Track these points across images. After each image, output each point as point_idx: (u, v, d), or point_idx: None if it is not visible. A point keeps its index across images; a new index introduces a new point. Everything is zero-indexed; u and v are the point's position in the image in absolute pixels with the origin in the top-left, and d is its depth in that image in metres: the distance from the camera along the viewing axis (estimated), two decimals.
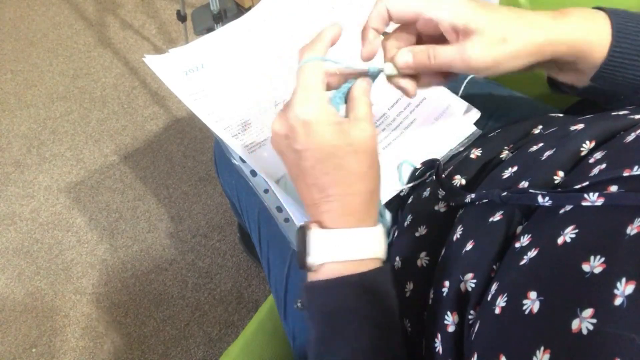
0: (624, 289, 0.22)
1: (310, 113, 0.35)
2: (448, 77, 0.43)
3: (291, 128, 0.36)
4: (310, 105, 0.35)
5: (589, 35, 0.37)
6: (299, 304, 0.49)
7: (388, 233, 0.52)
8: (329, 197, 0.36)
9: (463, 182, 0.45)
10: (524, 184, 0.36)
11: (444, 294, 0.36)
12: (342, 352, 0.34)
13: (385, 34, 0.43)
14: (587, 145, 0.36)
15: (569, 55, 0.38)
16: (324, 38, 0.38)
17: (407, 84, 0.41)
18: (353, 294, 0.34)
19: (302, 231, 0.37)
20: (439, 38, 0.40)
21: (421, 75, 0.42)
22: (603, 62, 0.38)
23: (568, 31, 0.37)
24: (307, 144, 0.35)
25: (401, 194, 0.53)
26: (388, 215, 0.46)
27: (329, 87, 0.40)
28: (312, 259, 0.36)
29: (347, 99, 0.40)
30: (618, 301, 0.22)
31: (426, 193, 0.48)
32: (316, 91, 0.36)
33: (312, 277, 0.37)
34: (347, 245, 0.36)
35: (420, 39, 0.42)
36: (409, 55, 0.40)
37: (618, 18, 0.38)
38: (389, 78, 0.42)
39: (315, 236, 0.36)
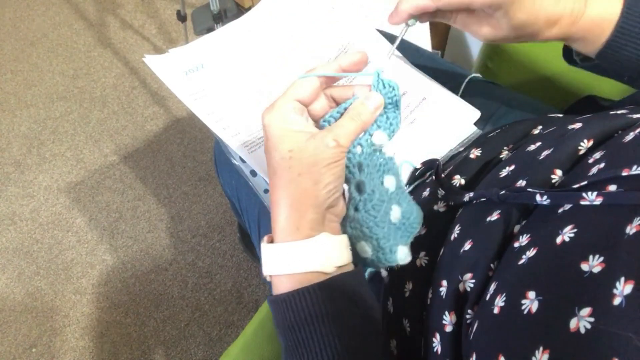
0: (622, 288, 0.22)
1: (268, 117, 0.35)
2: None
3: (263, 131, 0.37)
4: (271, 110, 0.36)
5: (598, 24, 0.41)
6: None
7: None
8: (271, 203, 0.36)
9: (463, 182, 0.46)
10: (522, 183, 0.36)
11: (442, 294, 0.36)
12: None
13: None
14: (585, 144, 0.36)
15: (572, 41, 0.42)
16: (331, 64, 0.38)
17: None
18: (306, 305, 0.33)
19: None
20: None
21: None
22: (607, 39, 0.40)
23: (581, 26, 0.41)
24: (265, 146, 0.36)
25: None
26: (403, 253, 0.39)
27: (337, 102, 0.40)
28: (262, 271, 0.36)
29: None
30: (617, 300, 0.22)
31: (426, 193, 0.48)
32: (283, 99, 0.36)
33: (273, 290, 0.37)
34: (276, 258, 0.35)
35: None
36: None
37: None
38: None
39: (263, 248, 0.36)
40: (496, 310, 0.28)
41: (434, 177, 0.48)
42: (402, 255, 0.39)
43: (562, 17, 0.41)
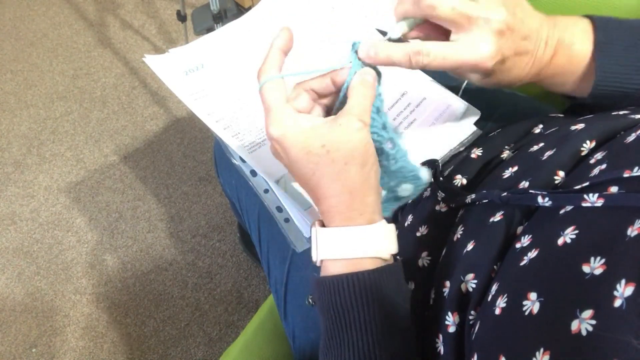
0: (623, 290, 0.22)
1: (279, 129, 0.36)
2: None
3: (274, 148, 0.38)
4: (277, 122, 0.36)
5: (574, 42, 0.40)
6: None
7: None
8: (319, 199, 0.37)
9: (464, 182, 0.45)
10: (525, 184, 0.36)
11: (445, 294, 0.36)
12: (348, 347, 0.34)
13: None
14: (588, 145, 0.36)
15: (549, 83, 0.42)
16: (274, 53, 0.39)
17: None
18: (357, 292, 0.34)
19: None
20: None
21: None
22: (592, 86, 0.40)
23: (559, 28, 0.40)
24: (288, 158, 0.36)
25: None
26: (425, 173, 0.43)
27: (319, 94, 0.40)
28: (313, 255, 0.37)
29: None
30: (617, 303, 0.22)
31: (427, 193, 0.48)
32: (279, 106, 0.36)
33: (322, 272, 0.38)
34: (336, 244, 0.36)
35: None
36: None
37: (601, 24, 0.40)
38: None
39: (314, 234, 0.37)
40: (498, 311, 0.28)
41: (432, 179, 0.48)
42: (426, 174, 0.43)
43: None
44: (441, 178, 0.46)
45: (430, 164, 0.52)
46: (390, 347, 0.34)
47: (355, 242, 0.36)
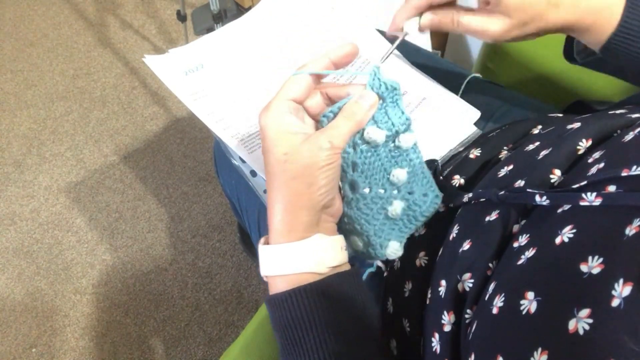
0: (621, 290, 0.22)
1: (264, 118, 0.36)
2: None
3: (260, 132, 0.37)
4: (267, 111, 0.36)
5: (601, 13, 0.39)
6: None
7: None
8: (271, 201, 0.36)
9: (462, 182, 0.46)
10: (520, 183, 0.36)
11: (441, 294, 0.36)
12: None
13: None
14: (584, 144, 0.36)
15: (578, 32, 0.41)
16: (321, 59, 0.38)
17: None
18: (302, 304, 0.34)
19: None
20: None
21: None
22: (609, 37, 0.40)
23: (585, 12, 0.40)
24: (262, 147, 0.36)
25: None
26: (394, 247, 0.41)
27: (333, 101, 0.40)
28: (260, 272, 0.37)
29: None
30: (615, 302, 0.22)
31: None
32: (279, 100, 0.36)
33: (269, 290, 0.37)
34: (275, 260, 0.36)
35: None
36: (435, 18, 0.43)
37: None
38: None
39: (260, 249, 0.37)
40: (495, 311, 0.28)
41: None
42: (392, 250, 0.40)
43: None
44: (440, 178, 0.46)
45: (430, 163, 0.52)
46: (351, 355, 0.34)
47: (290, 258, 0.35)
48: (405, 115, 0.39)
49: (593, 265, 0.24)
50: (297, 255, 0.35)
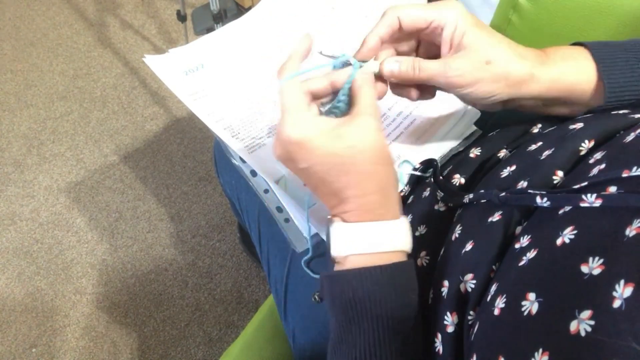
0: (622, 291, 0.22)
1: (300, 132, 0.35)
2: (433, 92, 0.46)
3: (288, 151, 0.37)
4: (298, 124, 0.36)
5: (573, 76, 0.40)
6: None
7: None
8: (345, 200, 0.37)
9: (462, 181, 0.46)
10: (523, 184, 0.36)
11: (444, 294, 0.36)
12: (359, 342, 0.34)
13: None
14: (586, 145, 0.36)
15: (558, 94, 0.41)
16: (295, 55, 0.39)
17: (382, 87, 0.44)
18: (371, 284, 0.34)
19: (327, 224, 0.38)
20: (430, 51, 0.43)
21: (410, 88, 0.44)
22: (604, 99, 0.40)
23: (552, 72, 0.40)
24: (309, 161, 0.36)
25: (401, 194, 0.53)
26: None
27: (318, 96, 0.41)
28: (333, 251, 0.37)
29: (349, 99, 0.40)
30: (617, 303, 0.22)
31: (426, 193, 0.48)
32: (300, 109, 0.36)
33: (337, 267, 0.38)
34: (366, 238, 0.36)
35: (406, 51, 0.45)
36: (395, 64, 0.41)
37: (596, 49, 0.40)
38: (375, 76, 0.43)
39: (336, 230, 0.37)
40: (497, 312, 0.28)
41: (431, 179, 0.48)
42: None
43: (527, 49, 0.40)
44: (440, 177, 0.46)
45: (429, 163, 0.52)
46: (401, 341, 0.34)
47: (385, 236, 0.36)
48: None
49: (594, 266, 0.24)
50: (394, 233, 0.36)
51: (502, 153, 0.46)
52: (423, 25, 0.40)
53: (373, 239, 0.36)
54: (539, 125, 0.47)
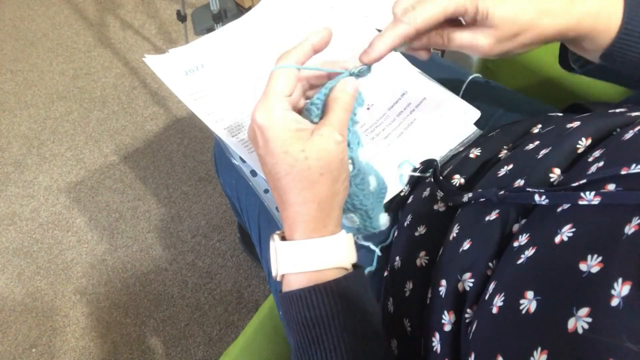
0: (620, 289, 0.22)
1: (266, 118, 0.35)
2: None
3: (254, 133, 0.36)
4: (267, 111, 0.35)
5: (599, 18, 0.38)
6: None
7: (388, 233, 0.52)
8: (284, 203, 0.36)
9: (462, 181, 0.46)
10: (520, 183, 0.36)
11: (442, 294, 0.36)
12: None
13: None
14: (583, 143, 0.36)
15: (577, 38, 0.39)
16: (303, 46, 0.38)
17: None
18: (324, 303, 0.34)
19: (269, 241, 0.38)
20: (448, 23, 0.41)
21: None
22: (612, 42, 0.38)
23: (580, 17, 0.38)
24: (265, 149, 0.35)
25: (401, 194, 0.53)
26: (384, 219, 0.45)
27: (312, 88, 0.40)
28: (273, 269, 0.36)
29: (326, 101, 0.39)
30: (615, 302, 0.22)
31: (426, 193, 0.48)
32: (276, 97, 0.36)
33: (284, 287, 0.37)
34: (299, 256, 0.35)
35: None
36: (424, 38, 0.41)
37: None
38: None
39: (273, 247, 0.36)
40: (495, 310, 0.28)
41: (432, 179, 0.48)
42: (384, 220, 0.44)
43: (550, 4, 0.39)
44: (440, 177, 0.46)
45: (428, 163, 0.52)
46: (364, 354, 0.34)
47: (320, 253, 0.35)
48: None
49: (592, 264, 0.24)
50: (331, 249, 0.35)
51: (503, 153, 0.46)
52: (442, 20, 0.39)
53: (307, 257, 0.35)
54: (539, 126, 0.47)
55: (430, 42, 0.41)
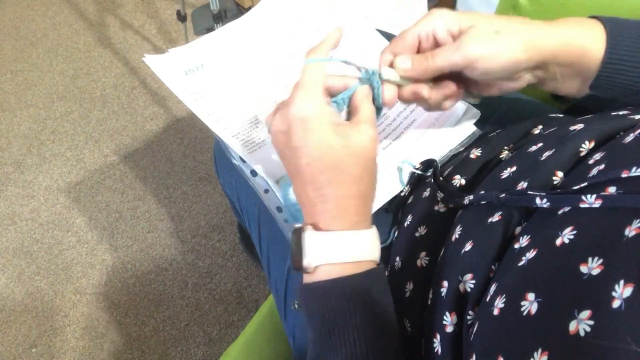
0: (622, 291, 0.22)
1: (309, 110, 0.35)
2: (460, 87, 0.44)
3: (289, 125, 0.36)
4: (309, 102, 0.36)
5: (585, 40, 0.39)
6: (295, 305, 0.49)
7: (388, 233, 0.52)
8: (324, 196, 0.36)
9: (463, 182, 0.46)
10: (523, 185, 0.36)
11: (443, 294, 0.36)
12: (340, 353, 0.34)
13: None
14: (587, 146, 0.36)
15: (566, 58, 0.39)
16: (327, 41, 0.40)
17: (419, 88, 0.42)
18: (349, 296, 0.34)
19: (298, 233, 0.37)
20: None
21: (435, 89, 0.43)
22: (599, 68, 0.39)
23: (563, 34, 0.39)
24: (304, 141, 0.35)
25: (401, 194, 0.53)
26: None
27: (330, 92, 0.41)
28: (308, 260, 0.36)
29: (349, 104, 0.41)
30: (616, 304, 0.22)
31: (426, 193, 0.48)
32: (316, 90, 0.36)
33: (308, 278, 0.37)
34: (341, 247, 0.36)
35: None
36: (407, 59, 0.41)
37: (612, 25, 0.39)
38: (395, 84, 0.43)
39: (310, 238, 0.36)
40: (496, 312, 0.28)
41: (432, 179, 0.48)
42: None
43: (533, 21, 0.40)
44: (441, 178, 0.46)
45: (428, 163, 0.52)
46: (382, 349, 0.34)
47: (358, 245, 0.36)
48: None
49: (593, 266, 0.24)
50: (366, 242, 0.36)
51: (504, 154, 0.46)
52: (416, 43, 0.41)
53: (348, 247, 0.36)
54: (540, 127, 0.47)
55: (415, 65, 0.41)
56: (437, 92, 0.43)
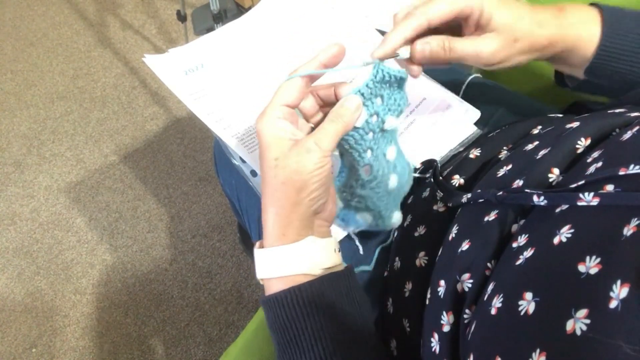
0: (619, 291, 0.22)
1: (259, 124, 0.36)
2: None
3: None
4: (260, 117, 0.37)
5: (580, 31, 0.41)
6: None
7: (388, 233, 0.52)
8: (266, 213, 0.37)
9: (462, 182, 0.46)
10: (519, 183, 0.36)
11: (440, 294, 0.36)
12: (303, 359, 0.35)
13: None
14: (583, 143, 0.36)
15: (562, 50, 0.42)
16: (311, 63, 0.39)
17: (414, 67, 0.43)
18: (302, 304, 0.35)
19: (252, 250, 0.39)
20: (448, 30, 0.42)
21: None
22: (593, 56, 0.41)
23: (565, 29, 0.41)
24: (259, 153, 0.37)
25: None
26: (397, 217, 0.46)
27: (324, 102, 0.41)
28: (259, 275, 0.38)
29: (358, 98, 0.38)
30: (613, 304, 0.22)
31: (425, 193, 0.48)
32: (272, 105, 0.37)
33: (265, 292, 0.38)
34: (270, 262, 0.37)
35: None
36: (426, 46, 0.41)
37: (609, 14, 0.41)
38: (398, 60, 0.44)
39: (257, 254, 0.38)
40: (493, 311, 0.28)
41: (432, 179, 0.48)
42: (397, 219, 0.46)
43: (541, 15, 0.41)
44: (440, 178, 0.46)
45: (428, 163, 0.52)
46: (348, 349, 0.35)
47: (282, 260, 0.36)
48: (405, 97, 0.41)
49: (591, 266, 0.24)
50: (291, 257, 0.36)
51: (503, 154, 0.46)
52: (451, 18, 0.41)
53: (275, 263, 0.37)
54: (539, 127, 0.47)
55: (432, 53, 0.41)
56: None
